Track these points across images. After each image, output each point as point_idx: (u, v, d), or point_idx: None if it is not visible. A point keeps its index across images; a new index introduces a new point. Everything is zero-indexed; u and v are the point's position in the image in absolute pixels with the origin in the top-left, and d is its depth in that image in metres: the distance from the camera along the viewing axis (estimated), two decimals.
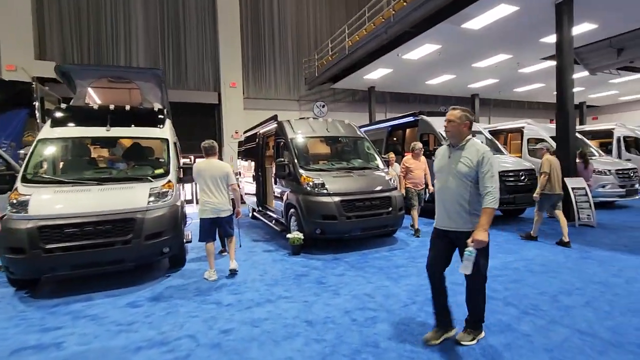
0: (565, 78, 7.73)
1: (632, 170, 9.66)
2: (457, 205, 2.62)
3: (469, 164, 2.55)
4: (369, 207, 5.78)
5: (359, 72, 12.97)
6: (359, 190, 5.83)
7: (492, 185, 2.49)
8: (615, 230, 6.68)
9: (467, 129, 2.66)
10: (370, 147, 7.20)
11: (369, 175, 6.27)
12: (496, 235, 6.57)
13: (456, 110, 2.67)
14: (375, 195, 5.90)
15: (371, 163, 6.86)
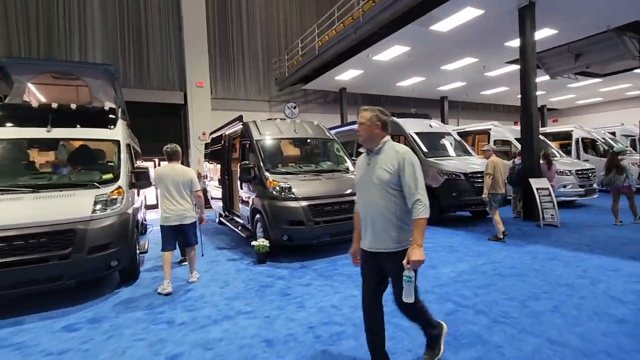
0: (529, 81, 7.90)
1: (591, 171, 10.07)
2: (383, 221, 2.18)
3: (390, 169, 2.14)
4: (338, 211, 5.57)
5: (330, 72, 12.81)
6: (327, 194, 5.60)
7: (419, 191, 2.10)
8: (577, 230, 6.85)
9: (380, 130, 2.26)
10: (339, 149, 7.02)
11: (339, 178, 6.07)
12: (465, 237, 6.56)
13: (366, 111, 2.30)
14: (345, 198, 5.70)
15: (341, 165, 6.67)
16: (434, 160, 7.96)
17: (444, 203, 7.62)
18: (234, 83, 15.48)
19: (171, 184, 4.39)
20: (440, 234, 6.96)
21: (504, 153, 11.50)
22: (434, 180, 7.75)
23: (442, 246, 5.97)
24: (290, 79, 13.84)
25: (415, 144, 8.38)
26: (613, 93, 20.02)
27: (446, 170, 7.60)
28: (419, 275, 2.41)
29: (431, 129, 9.12)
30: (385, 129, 2.28)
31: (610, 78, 16.00)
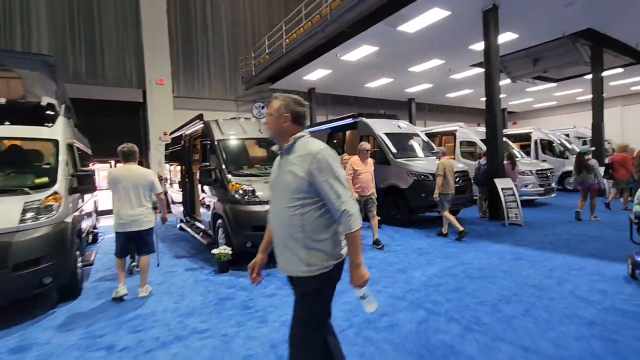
0: (493, 84, 8.04)
1: (550, 171, 10.49)
2: (289, 238, 1.72)
3: (299, 172, 1.67)
4: None
5: (298, 72, 12.54)
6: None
7: (343, 198, 1.63)
8: (539, 228, 7.01)
9: (289, 124, 1.80)
10: None
11: None
12: (434, 239, 6.50)
13: (276, 99, 1.86)
14: None
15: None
16: (403, 161, 7.90)
17: (413, 204, 7.56)
18: (198, 81, 14.81)
19: (129, 186, 4.02)
20: (410, 235, 6.87)
21: (469, 154, 11.80)
22: (403, 181, 7.68)
23: (411, 249, 5.86)
24: (257, 77, 13.42)
25: (384, 144, 8.28)
26: (566, 97, 21.26)
27: (415, 171, 7.55)
28: (390, 280, 2.19)
29: (400, 129, 9.09)
30: (297, 122, 1.82)
31: (564, 83, 16.95)
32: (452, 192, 6.51)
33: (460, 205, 7.82)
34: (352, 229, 1.64)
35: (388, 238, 6.65)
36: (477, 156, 11.22)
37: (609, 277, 4.12)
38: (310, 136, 1.84)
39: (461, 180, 7.76)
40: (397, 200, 7.82)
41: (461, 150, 11.60)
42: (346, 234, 1.67)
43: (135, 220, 4.01)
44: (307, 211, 1.69)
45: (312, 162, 1.65)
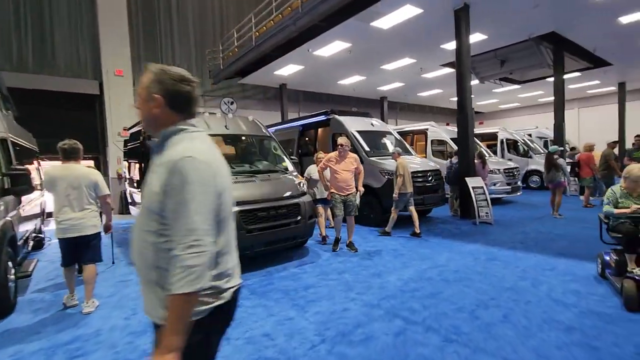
0: (464, 83, 8.06)
1: (516, 169, 10.78)
2: (144, 271, 1.23)
3: (155, 183, 1.17)
4: (274, 217, 4.96)
5: (268, 67, 12.10)
6: (262, 198, 4.96)
7: (184, 239, 1.07)
8: (509, 227, 7.08)
9: (161, 109, 1.25)
10: (277, 148, 6.40)
11: (275, 179, 5.45)
12: (409, 239, 6.37)
13: (147, 72, 1.27)
14: (282, 202, 5.11)
15: (278, 166, 6.07)
16: (376, 160, 7.73)
17: (387, 203, 7.40)
18: None
19: (67, 188, 3.55)
20: (378, 239, 6.71)
21: (440, 153, 11.91)
22: (377, 180, 7.52)
23: (386, 250, 5.68)
24: (225, 72, 12.83)
25: (357, 142, 8.08)
26: (528, 99, 22.18)
27: (388, 170, 7.41)
28: (364, 286, 1.90)
29: (373, 127, 8.93)
30: (176, 108, 1.26)
31: (527, 85, 17.61)
32: (410, 192, 6.49)
33: (433, 204, 7.78)
34: (180, 291, 1.04)
35: (361, 239, 6.45)
36: (447, 155, 11.35)
37: (580, 277, 4.11)
38: (195, 131, 1.29)
39: (433, 180, 7.72)
40: (370, 199, 7.64)
41: (432, 149, 11.69)
42: (169, 294, 1.06)
43: (76, 225, 3.53)
44: (162, 242, 1.14)
45: (166, 174, 1.13)
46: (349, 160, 5.67)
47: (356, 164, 5.73)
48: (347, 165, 5.63)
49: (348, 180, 5.62)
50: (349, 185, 5.63)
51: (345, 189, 5.60)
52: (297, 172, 6.04)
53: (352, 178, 5.67)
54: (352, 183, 5.68)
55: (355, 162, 5.75)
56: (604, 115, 21.08)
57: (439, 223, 7.79)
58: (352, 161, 5.70)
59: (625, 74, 16.24)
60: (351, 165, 5.65)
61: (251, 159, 6.17)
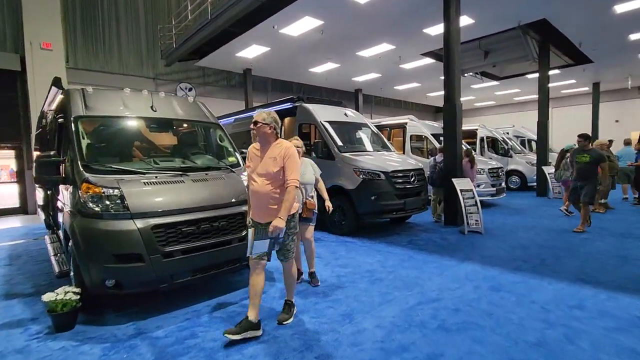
0: (453, 68, 6.94)
1: (500, 169, 9.90)
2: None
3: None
4: (208, 232, 3.55)
5: (229, 46, 10.50)
6: (191, 206, 3.52)
7: None
8: (502, 238, 6.05)
9: None
10: (224, 138, 4.95)
11: (215, 179, 4.02)
12: (387, 255, 5.14)
13: None
14: (222, 211, 3.70)
15: (223, 161, 4.63)
16: (350, 156, 6.46)
17: (362, 209, 6.18)
18: (104, 52, 11.98)
19: None
20: (357, 250, 5.45)
21: (418, 150, 10.86)
22: (350, 181, 6.26)
23: (360, 272, 4.42)
24: (179, 51, 11.08)
25: (327, 135, 6.78)
26: (504, 97, 21.83)
27: (364, 169, 6.17)
28: (329, 339, 1.03)
29: (346, 118, 7.65)
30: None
31: (505, 82, 17.05)
32: None
33: (415, 209, 6.61)
34: None
35: (330, 255, 5.17)
36: (428, 153, 10.31)
37: (623, 320, 3.03)
38: None
39: (416, 181, 6.56)
40: (342, 204, 6.38)
41: (411, 145, 10.62)
42: None
43: None
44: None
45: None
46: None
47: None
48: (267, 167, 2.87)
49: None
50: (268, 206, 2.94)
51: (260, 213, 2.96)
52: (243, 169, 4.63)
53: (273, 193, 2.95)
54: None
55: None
56: (577, 115, 21.10)
57: (421, 232, 6.66)
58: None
59: (601, 73, 15.98)
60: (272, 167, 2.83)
61: (187, 151, 4.67)
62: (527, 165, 13.10)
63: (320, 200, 4.25)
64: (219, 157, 4.74)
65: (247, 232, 3.36)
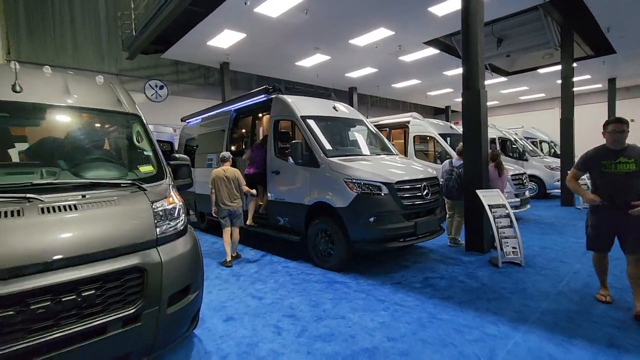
0: (473, 41, 5.28)
1: (524, 176, 8.25)
2: None
3: None
4: (53, 315, 1.80)
5: (197, 32, 8.82)
6: (20, 264, 1.78)
7: None
8: (553, 272, 4.34)
9: None
10: (143, 136, 3.20)
11: (95, 208, 2.24)
12: (396, 312, 3.38)
13: None
14: (87, 271, 1.94)
15: (133, 172, 2.89)
16: (340, 162, 4.74)
17: (356, 235, 4.44)
18: (55, 42, 10.25)
19: None
20: (350, 299, 3.70)
21: (424, 153, 9.20)
22: (340, 196, 4.53)
23: (354, 353, 2.68)
24: (140, 40, 9.37)
25: (310, 134, 5.07)
26: (509, 96, 20.35)
27: (359, 179, 4.44)
28: None
29: (336, 113, 5.95)
30: None
31: (514, 78, 15.56)
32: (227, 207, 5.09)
33: (430, 233, 4.86)
34: None
35: (308, 309, 3.44)
36: (436, 156, 8.65)
37: None
38: None
39: (430, 194, 4.84)
40: (330, 227, 4.65)
41: (415, 148, 8.95)
42: None
43: None
44: None
45: None
46: None
47: None
48: None
49: None
50: None
51: None
52: (171, 184, 2.87)
53: None
54: None
55: None
56: (589, 115, 19.59)
57: (437, 262, 4.94)
58: None
59: (620, 67, 14.48)
60: None
61: (76, 156, 2.92)
62: (545, 169, 11.49)
63: None
64: (130, 165, 3.01)
65: (145, 302, 1.99)
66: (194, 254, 2.57)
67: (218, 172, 5.35)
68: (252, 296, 3.89)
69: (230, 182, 5.16)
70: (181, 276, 2.36)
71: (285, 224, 5.42)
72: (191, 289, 2.43)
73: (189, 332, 2.55)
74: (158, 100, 12.21)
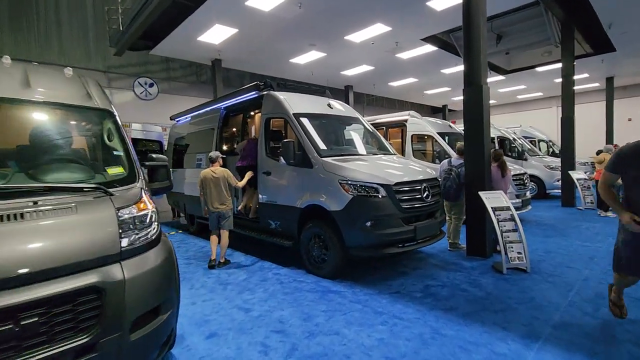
0: (476, 32, 5.01)
1: (525, 176, 8.01)
2: None
3: None
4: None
5: (186, 27, 8.49)
6: None
7: None
8: (561, 278, 4.08)
9: None
10: (113, 134, 2.88)
11: (48, 217, 1.92)
12: (395, 326, 3.09)
13: None
14: (35, 292, 1.63)
15: (101, 174, 2.58)
16: (335, 163, 4.44)
17: (352, 241, 4.15)
18: (39, 38, 9.86)
19: None
20: (345, 311, 3.41)
21: (422, 153, 8.93)
22: (334, 199, 4.23)
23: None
24: (128, 35, 9.02)
25: (303, 133, 4.77)
26: (506, 95, 20.16)
27: (355, 180, 4.15)
28: None
29: (331, 110, 5.66)
30: None
31: (512, 77, 15.34)
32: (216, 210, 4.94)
33: (430, 238, 4.58)
34: None
35: (300, 323, 3.14)
36: (435, 155, 8.38)
37: None
38: None
39: (430, 196, 4.55)
40: (324, 232, 4.36)
41: (412, 147, 8.67)
42: None
43: None
44: None
45: None
46: None
47: None
48: None
49: None
50: None
51: None
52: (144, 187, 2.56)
53: None
54: None
55: None
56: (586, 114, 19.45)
57: (437, 268, 4.66)
58: None
59: (619, 66, 14.33)
60: None
61: (35, 156, 2.60)
62: (545, 169, 11.28)
63: None
64: (97, 167, 2.69)
65: (102, 330, 1.70)
66: (168, 268, 2.27)
67: (206, 173, 5.10)
68: (238, 308, 3.59)
69: (219, 183, 4.96)
70: (150, 295, 2.05)
71: (277, 228, 5.12)
72: (162, 310, 2.12)
73: (160, 357, 2.24)
74: (148, 98, 11.83)
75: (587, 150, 14.25)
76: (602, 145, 10.28)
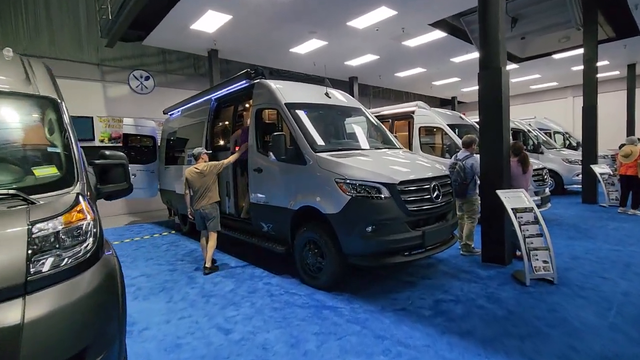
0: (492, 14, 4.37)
1: (544, 171, 7.36)
2: None
3: None
4: None
5: (177, 14, 7.95)
6: None
7: None
8: (596, 293, 3.49)
9: None
10: (54, 127, 2.36)
11: None
12: (400, 357, 2.58)
13: None
14: None
15: (28, 177, 2.06)
16: (331, 159, 3.88)
17: (351, 248, 3.60)
18: (28, 29, 9.43)
19: None
20: (342, 334, 2.88)
21: (430, 146, 8.32)
22: (331, 201, 3.68)
23: None
24: (118, 24, 8.51)
25: (295, 125, 4.21)
26: (520, 85, 19.26)
27: (354, 179, 3.59)
28: None
29: (329, 100, 5.09)
30: None
31: (526, 65, 14.48)
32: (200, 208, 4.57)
33: (440, 245, 4.00)
34: None
35: (287, 349, 2.62)
36: (444, 149, 7.76)
37: None
38: None
39: (440, 196, 3.97)
40: (319, 237, 3.82)
41: (420, 141, 8.06)
42: None
43: None
44: None
45: None
46: None
47: None
48: None
49: None
50: None
51: None
52: (83, 192, 2.04)
53: None
54: None
55: None
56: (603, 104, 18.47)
57: (449, 277, 4.10)
58: None
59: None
60: None
61: None
62: (563, 163, 10.57)
63: None
64: (25, 167, 2.18)
65: None
66: (104, 294, 1.76)
67: (190, 170, 4.66)
68: (218, 328, 3.09)
69: (205, 179, 4.57)
70: (69, 336, 1.54)
71: (270, 231, 4.61)
72: (90, 354, 1.62)
73: None
74: (144, 92, 11.38)
75: (605, 143, 13.42)
76: (622, 137, 9.50)
